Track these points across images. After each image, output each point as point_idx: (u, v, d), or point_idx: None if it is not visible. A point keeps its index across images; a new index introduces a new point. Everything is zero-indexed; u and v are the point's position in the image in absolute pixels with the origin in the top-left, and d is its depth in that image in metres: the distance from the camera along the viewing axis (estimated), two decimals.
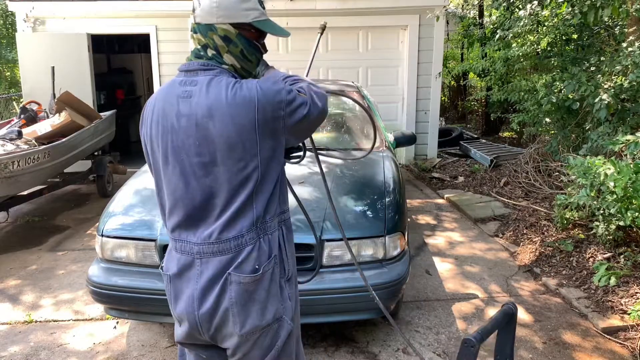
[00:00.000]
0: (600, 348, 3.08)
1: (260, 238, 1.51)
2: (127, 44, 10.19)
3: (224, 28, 1.49)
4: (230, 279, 1.47)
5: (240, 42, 1.52)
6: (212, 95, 1.43)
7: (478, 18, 9.95)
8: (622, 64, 4.41)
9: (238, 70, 1.55)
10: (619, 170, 3.23)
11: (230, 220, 1.47)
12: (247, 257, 1.48)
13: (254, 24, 1.53)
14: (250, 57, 1.56)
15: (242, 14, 1.50)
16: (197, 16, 1.50)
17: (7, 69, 15.63)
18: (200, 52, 1.52)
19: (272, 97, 1.44)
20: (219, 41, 1.50)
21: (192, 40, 1.55)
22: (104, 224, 3.00)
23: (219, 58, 1.51)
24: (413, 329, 3.27)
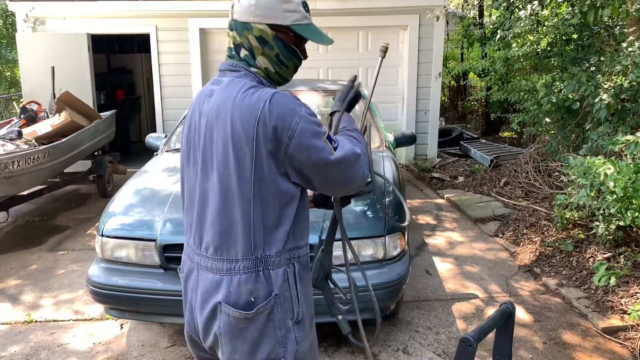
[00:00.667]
0: (600, 348, 3.08)
1: (259, 270, 1.36)
2: (127, 44, 10.19)
3: (260, 28, 1.39)
4: (220, 308, 1.37)
5: (276, 45, 1.40)
6: (224, 95, 1.36)
7: (478, 18, 9.95)
8: (622, 64, 4.41)
9: (271, 75, 1.44)
10: (619, 170, 3.23)
11: (223, 237, 1.37)
12: (239, 287, 1.36)
13: (293, 27, 1.41)
14: (287, 62, 1.44)
15: (281, 15, 1.39)
16: (235, 12, 1.42)
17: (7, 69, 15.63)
18: (232, 52, 1.44)
19: (281, 117, 1.29)
20: (254, 42, 1.40)
21: (227, 37, 1.47)
22: (104, 224, 3.00)
23: (251, 60, 1.42)
24: (413, 329, 3.27)
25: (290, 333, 1.42)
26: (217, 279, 1.38)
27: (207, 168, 1.39)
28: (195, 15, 7.71)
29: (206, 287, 1.40)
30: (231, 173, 1.33)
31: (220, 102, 1.36)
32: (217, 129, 1.35)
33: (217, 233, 1.38)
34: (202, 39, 7.87)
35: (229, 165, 1.33)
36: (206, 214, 1.41)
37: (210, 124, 1.37)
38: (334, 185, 1.40)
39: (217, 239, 1.38)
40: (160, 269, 2.86)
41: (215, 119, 1.36)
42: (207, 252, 1.41)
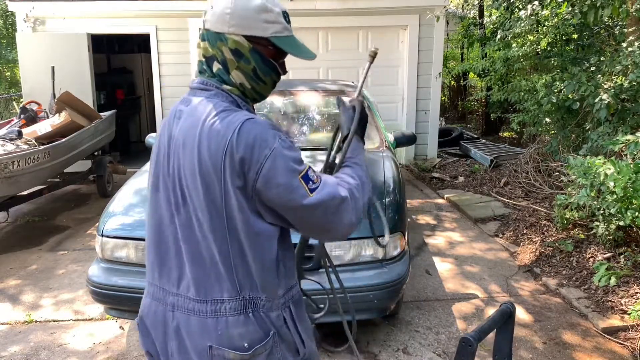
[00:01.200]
0: (600, 348, 3.08)
1: (248, 313, 1.22)
2: (127, 44, 10.19)
3: (236, 40, 1.22)
4: (212, 352, 1.22)
5: (253, 58, 1.24)
6: (192, 119, 1.20)
7: (478, 18, 9.95)
8: (622, 64, 4.41)
9: (247, 92, 1.28)
10: (619, 170, 3.23)
11: (204, 275, 1.22)
12: (228, 331, 1.21)
13: (273, 39, 1.25)
14: (265, 77, 1.28)
15: (260, 26, 1.23)
16: (207, 21, 1.25)
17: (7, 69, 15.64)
18: (203, 66, 1.27)
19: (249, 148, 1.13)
20: (228, 54, 1.23)
21: (197, 49, 1.29)
22: (104, 224, 3.00)
23: (224, 75, 1.25)
24: (413, 329, 3.27)
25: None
26: (201, 322, 1.23)
27: (178, 198, 1.23)
28: (195, 15, 7.70)
29: (191, 331, 1.24)
30: (203, 207, 1.18)
31: (187, 127, 1.21)
32: (185, 158, 1.19)
33: (198, 270, 1.22)
34: None
35: (200, 198, 1.18)
36: (182, 249, 1.24)
37: (177, 151, 1.22)
38: (311, 231, 1.25)
39: (198, 277, 1.22)
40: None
41: (182, 146, 1.20)
42: (188, 292, 1.24)
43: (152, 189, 1.31)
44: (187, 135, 1.20)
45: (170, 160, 1.24)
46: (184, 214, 1.22)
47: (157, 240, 1.30)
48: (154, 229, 1.31)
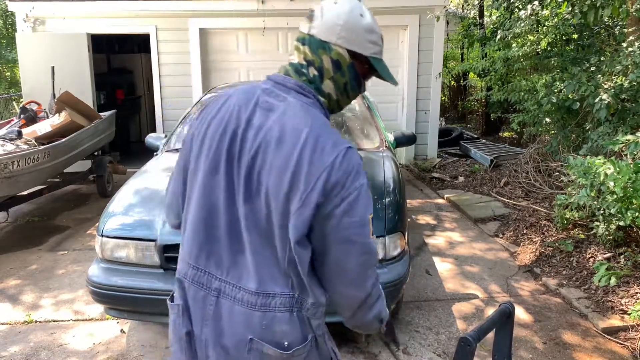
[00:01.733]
0: (601, 348, 3.08)
1: (294, 311, 1.23)
2: (127, 44, 10.19)
3: (340, 52, 1.25)
4: (251, 345, 1.22)
5: (349, 72, 1.28)
6: (294, 122, 1.20)
7: (478, 18, 9.95)
8: (622, 64, 4.41)
9: (331, 102, 1.31)
10: (619, 170, 3.23)
11: (261, 268, 1.22)
12: (273, 326, 1.22)
13: (371, 59, 1.29)
14: (351, 92, 1.32)
15: (363, 44, 1.27)
16: (314, 27, 1.26)
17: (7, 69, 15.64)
18: (303, 69, 1.27)
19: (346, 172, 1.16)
20: (327, 64, 1.26)
21: (295, 51, 1.30)
22: (104, 224, 3.00)
23: (318, 82, 1.27)
24: (413, 329, 3.27)
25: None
26: (247, 313, 1.23)
27: (252, 188, 1.21)
28: (195, 15, 7.70)
29: (233, 320, 1.24)
30: (279, 204, 1.18)
31: (287, 128, 1.20)
32: (276, 156, 1.18)
33: (257, 262, 1.23)
34: (202, 39, 7.87)
35: (279, 198, 1.18)
36: (239, 240, 1.24)
37: (266, 144, 1.20)
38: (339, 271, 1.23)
39: (256, 268, 1.23)
40: (160, 269, 2.86)
41: (276, 143, 1.19)
42: (240, 281, 1.24)
43: (208, 169, 1.27)
44: (285, 135, 1.19)
45: (247, 148, 1.22)
46: (255, 205, 1.21)
47: (207, 223, 1.28)
48: (204, 211, 1.28)
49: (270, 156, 1.19)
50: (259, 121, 1.23)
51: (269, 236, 1.21)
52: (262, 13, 7.40)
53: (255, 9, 7.41)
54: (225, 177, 1.25)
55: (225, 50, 8.03)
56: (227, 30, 7.91)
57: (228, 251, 1.26)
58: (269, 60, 7.89)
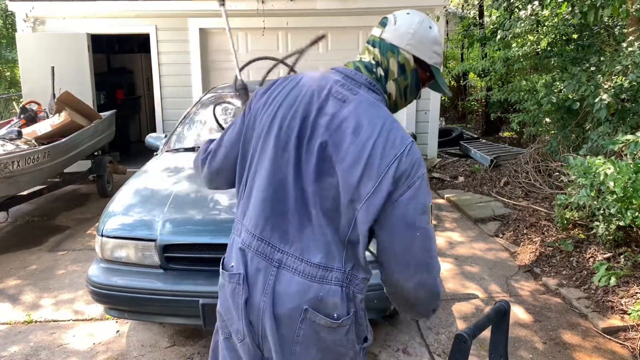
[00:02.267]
0: (600, 348, 3.08)
1: (344, 286, 1.34)
2: (127, 44, 10.19)
3: (407, 57, 1.39)
4: (305, 315, 1.32)
5: (411, 77, 1.42)
6: (369, 114, 1.32)
7: (478, 18, 9.95)
8: (622, 64, 4.41)
9: (390, 102, 1.44)
10: (618, 170, 3.23)
11: (323, 245, 1.33)
12: (327, 298, 1.32)
13: (432, 68, 1.44)
14: (409, 97, 1.47)
15: (428, 53, 1.42)
16: (386, 32, 1.41)
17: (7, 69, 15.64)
18: (373, 68, 1.40)
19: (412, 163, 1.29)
20: (393, 66, 1.39)
21: (365, 52, 1.44)
22: (104, 224, 2.99)
23: (383, 81, 1.40)
24: (413, 329, 3.27)
25: (357, 357, 1.40)
26: (306, 284, 1.32)
27: (321, 171, 1.32)
28: (195, 15, 7.70)
29: (291, 290, 1.33)
30: (348, 190, 1.29)
31: (363, 120, 1.31)
32: (352, 144, 1.29)
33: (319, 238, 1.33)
34: (202, 39, 7.87)
35: (350, 182, 1.28)
36: (305, 216, 1.34)
37: (341, 132, 1.31)
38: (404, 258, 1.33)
39: (317, 244, 1.33)
40: (160, 269, 2.86)
41: (353, 133, 1.30)
42: (302, 255, 1.33)
43: (278, 147, 1.37)
44: (360, 126, 1.30)
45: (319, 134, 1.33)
46: (324, 185, 1.32)
47: (275, 197, 1.37)
48: (273, 185, 1.37)
49: (346, 144, 1.30)
50: (333, 110, 1.34)
51: (334, 215, 1.32)
52: (262, 13, 7.40)
53: (255, 9, 7.41)
54: (295, 156, 1.35)
55: (225, 50, 8.03)
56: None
57: (293, 225, 1.35)
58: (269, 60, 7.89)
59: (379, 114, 1.33)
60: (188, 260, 2.85)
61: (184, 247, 2.83)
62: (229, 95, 4.68)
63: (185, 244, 2.83)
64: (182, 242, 2.83)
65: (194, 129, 4.30)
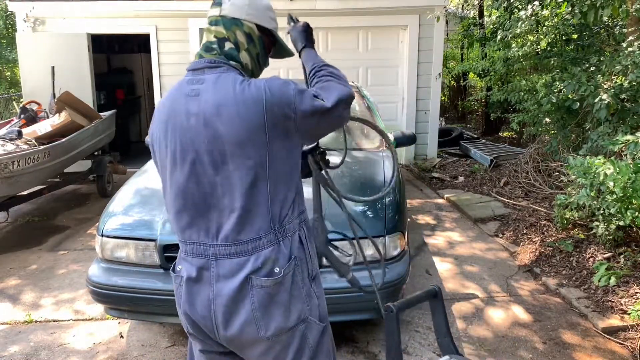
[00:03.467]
0: (600, 348, 3.08)
1: (280, 241, 1.48)
2: (127, 44, 10.18)
3: (250, 26, 1.53)
4: (252, 282, 1.44)
5: (259, 44, 1.56)
6: (219, 93, 1.42)
7: (478, 18, 9.95)
8: (622, 64, 4.41)
9: (247, 72, 1.56)
10: (618, 170, 3.23)
11: (245, 221, 1.44)
12: (266, 260, 1.45)
13: (274, 32, 1.59)
14: (262, 63, 1.61)
15: (268, 20, 1.56)
16: (225, 9, 1.52)
17: (7, 69, 15.62)
18: (213, 45, 1.52)
19: (281, 98, 1.42)
20: (241, 37, 1.52)
21: (206, 33, 1.55)
22: (104, 224, 3.00)
23: (234, 52, 1.51)
24: (413, 329, 3.27)
25: (310, 290, 1.55)
26: (241, 261, 1.45)
27: (216, 162, 1.43)
28: (195, 15, 7.70)
29: (232, 272, 1.45)
30: (247, 162, 1.41)
31: (218, 99, 1.41)
32: (223, 124, 1.40)
33: (239, 218, 1.44)
34: (202, 39, 7.83)
35: (244, 154, 1.40)
36: (221, 205, 1.45)
37: (211, 122, 1.41)
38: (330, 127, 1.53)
39: (240, 224, 1.44)
40: (160, 269, 2.86)
41: (217, 116, 1.40)
42: (227, 240, 1.45)
43: (171, 162, 1.50)
44: (220, 106, 1.41)
45: (198, 132, 1.43)
46: (226, 171, 1.43)
47: (185, 203, 1.50)
48: (180, 194, 1.50)
49: (220, 126, 1.40)
50: (195, 108, 1.44)
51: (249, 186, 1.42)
52: None
53: None
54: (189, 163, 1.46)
55: None
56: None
57: (212, 221, 1.47)
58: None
59: (226, 86, 1.43)
60: None
61: None
62: None
63: None
64: None
65: None
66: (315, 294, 1.57)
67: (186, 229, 1.51)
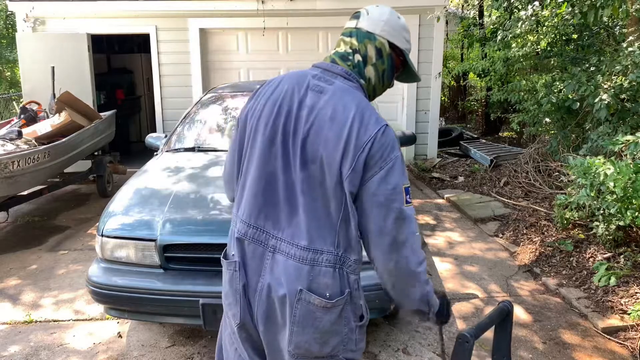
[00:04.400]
0: (600, 348, 3.08)
1: (337, 268, 1.43)
2: (127, 44, 10.18)
3: (382, 42, 1.52)
4: (300, 295, 1.41)
5: (387, 62, 1.54)
6: (343, 101, 1.41)
7: (478, 18, 9.95)
8: (622, 64, 4.41)
9: (370, 87, 1.56)
10: (618, 171, 3.23)
11: (313, 228, 1.42)
12: (319, 279, 1.41)
13: (405, 53, 1.57)
14: (386, 81, 1.59)
15: (401, 39, 1.55)
16: (362, 22, 1.54)
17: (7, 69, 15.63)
18: (349, 56, 1.52)
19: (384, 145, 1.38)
20: (371, 51, 1.51)
21: (341, 43, 1.55)
22: (104, 224, 3.00)
23: (362, 67, 1.51)
24: (413, 329, 3.27)
25: (353, 334, 1.49)
26: (299, 267, 1.41)
27: (306, 159, 1.42)
28: (195, 15, 7.71)
29: (286, 272, 1.42)
30: (333, 172, 1.39)
31: (337, 106, 1.41)
32: (331, 130, 1.39)
33: (310, 222, 1.41)
34: (202, 39, 7.87)
35: (333, 165, 1.38)
36: (295, 203, 1.43)
37: (320, 121, 1.41)
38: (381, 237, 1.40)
39: (309, 228, 1.41)
40: (160, 269, 2.86)
41: (330, 120, 1.40)
42: (293, 239, 1.43)
43: (266, 142, 1.47)
44: (336, 112, 1.40)
45: (302, 125, 1.42)
46: (310, 172, 1.41)
47: (265, 187, 1.47)
48: (264, 178, 1.48)
49: (325, 131, 1.40)
50: (312, 102, 1.44)
51: (324, 199, 1.41)
52: (262, 13, 7.40)
53: (255, 9, 7.41)
54: (282, 149, 1.45)
55: (225, 50, 8.03)
56: (227, 30, 7.91)
57: (284, 213, 1.45)
58: (269, 61, 7.90)
59: (353, 99, 1.43)
60: (188, 260, 2.85)
61: (184, 247, 2.83)
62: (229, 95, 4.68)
63: (185, 244, 2.83)
64: (182, 242, 2.83)
65: (194, 129, 4.30)
66: (356, 341, 1.50)
67: (254, 211, 1.49)
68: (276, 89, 1.51)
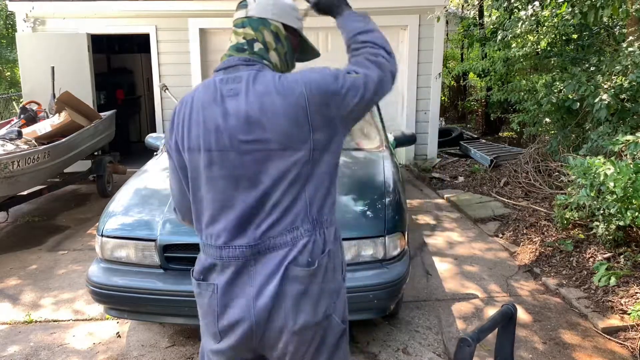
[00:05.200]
0: (600, 348, 3.08)
1: (316, 231, 1.44)
2: (127, 44, 10.18)
3: (277, 25, 1.51)
4: (287, 272, 1.41)
5: (286, 44, 1.54)
6: (260, 90, 1.40)
7: (478, 18, 9.95)
8: (622, 64, 4.41)
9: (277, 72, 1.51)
10: (618, 171, 3.23)
11: (285, 214, 1.42)
12: (303, 250, 1.42)
13: (299, 31, 1.58)
14: (290, 63, 1.58)
15: (293, 19, 1.55)
16: (251, 10, 1.51)
17: (7, 69, 15.63)
18: (244, 46, 1.50)
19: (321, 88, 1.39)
20: (268, 37, 1.50)
21: (234, 36, 1.54)
22: (104, 224, 3.00)
23: (264, 53, 1.49)
24: (413, 329, 3.27)
25: (341, 288, 1.53)
26: (280, 253, 1.42)
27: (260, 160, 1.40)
28: (195, 15, 7.71)
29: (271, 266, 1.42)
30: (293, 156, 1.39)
31: (260, 97, 1.39)
32: (269, 121, 1.38)
33: (281, 213, 1.41)
34: (202, 39, 7.87)
35: (289, 147, 1.38)
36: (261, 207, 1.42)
37: (255, 120, 1.39)
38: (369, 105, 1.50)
39: (281, 217, 1.42)
40: (160, 269, 2.86)
41: (261, 113, 1.38)
42: (267, 235, 1.42)
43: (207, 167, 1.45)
44: (263, 103, 1.39)
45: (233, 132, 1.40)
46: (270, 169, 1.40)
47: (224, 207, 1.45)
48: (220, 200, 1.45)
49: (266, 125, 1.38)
50: (234, 107, 1.41)
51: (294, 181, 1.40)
52: None
53: None
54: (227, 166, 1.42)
55: (225, 50, 8.02)
56: (227, 30, 7.82)
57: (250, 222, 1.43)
58: None
59: (265, 83, 1.41)
60: (188, 260, 2.84)
61: (184, 247, 2.83)
62: None
63: (185, 244, 2.83)
64: (182, 242, 2.83)
65: None
66: (343, 292, 1.54)
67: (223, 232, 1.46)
68: (191, 112, 1.47)
